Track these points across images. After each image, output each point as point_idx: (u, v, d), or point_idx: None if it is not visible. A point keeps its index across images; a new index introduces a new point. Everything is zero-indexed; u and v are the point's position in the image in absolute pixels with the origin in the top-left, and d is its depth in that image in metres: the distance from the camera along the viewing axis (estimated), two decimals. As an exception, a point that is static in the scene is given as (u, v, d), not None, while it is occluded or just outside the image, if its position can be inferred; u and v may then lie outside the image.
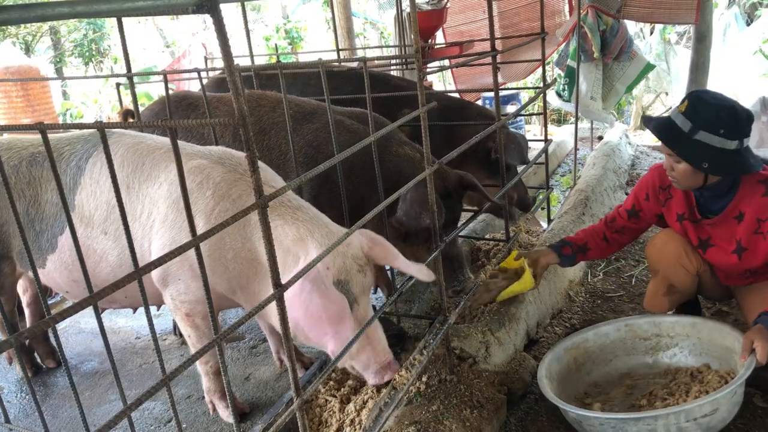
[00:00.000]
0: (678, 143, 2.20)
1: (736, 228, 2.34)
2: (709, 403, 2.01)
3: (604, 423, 2.10)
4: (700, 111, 2.18)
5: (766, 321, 2.16)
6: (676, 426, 2.00)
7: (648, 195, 2.57)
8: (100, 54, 14.15)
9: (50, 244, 2.37)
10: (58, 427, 2.66)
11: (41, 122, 1.51)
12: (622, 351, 2.60)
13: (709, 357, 2.42)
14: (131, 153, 2.27)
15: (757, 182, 2.28)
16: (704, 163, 2.17)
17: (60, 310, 0.97)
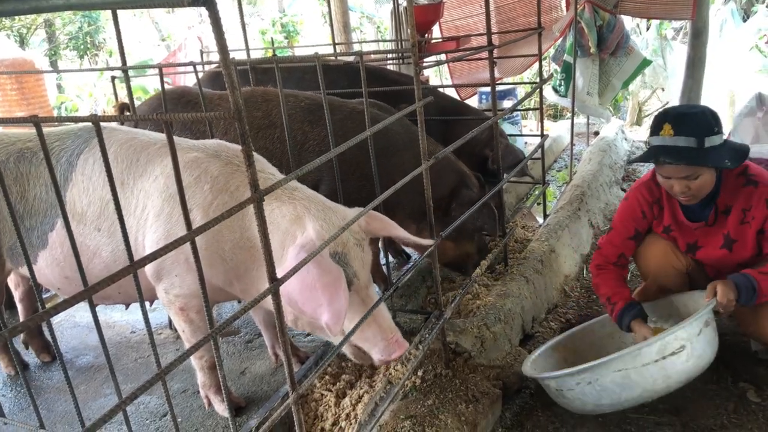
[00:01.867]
0: (700, 159, 2.25)
1: (724, 223, 2.41)
2: (673, 338, 2.03)
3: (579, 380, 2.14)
4: (692, 125, 2.26)
5: (736, 276, 2.29)
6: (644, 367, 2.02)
7: (644, 212, 2.58)
8: (95, 47, 14.08)
9: (40, 240, 2.35)
10: (53, 421, 2.66)
11: (35, 115, 1.50)
12: (612, 346, 2.57)
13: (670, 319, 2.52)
14: (125, 149, 2.26)
15: (736, 176, 2.37)
16: (726, 161, 2.24)
17: (54, 304, 0.96)
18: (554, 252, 3.54)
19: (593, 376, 2.10)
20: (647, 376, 2.04)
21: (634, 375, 2.04)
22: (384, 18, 12.97)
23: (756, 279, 2.25)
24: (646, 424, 2.37)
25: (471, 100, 6.93)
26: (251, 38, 4.84)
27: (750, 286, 2.24)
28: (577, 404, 2.22)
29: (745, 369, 2.59)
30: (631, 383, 2.06)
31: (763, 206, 2.32)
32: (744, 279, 2.26)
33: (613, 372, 2.06)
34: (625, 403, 2.14)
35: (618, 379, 2.06)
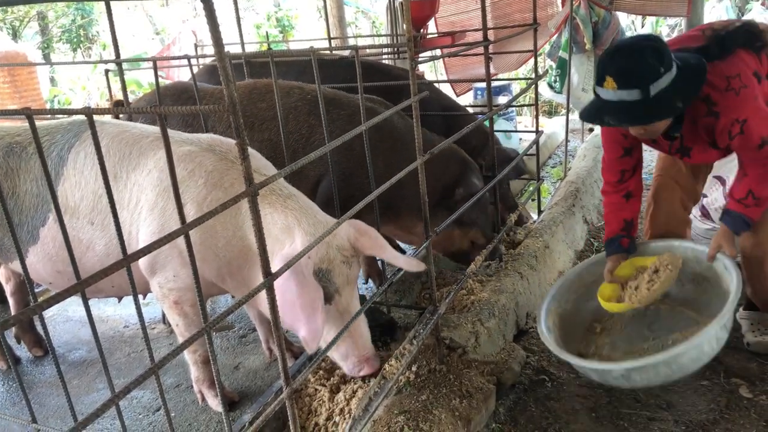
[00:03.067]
0: (647, 115, 2.13)
1: (698, 131, 2.35)
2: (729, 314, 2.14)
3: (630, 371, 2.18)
4: (635, 75, 2.08)
5: (729, 222, 2.33)
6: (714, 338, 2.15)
7: (624, 134, 2.49)
8: (88, 40, 14.01)
9: (31, 235, 2.33)
10: (45, 416, 2.65)
11: (27, 108, 1.49)
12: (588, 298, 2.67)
13: None
14: (116, 142, 2.24)
15: (699, 100, 2.22)
16: (678, 104, 2.11)
17: (46, 298, 0.95)
18: (548, 248, 3.54)
19: (676, 359, 2.13)
20: (714, 343, 2.16)
21: (707, 346, 2.15)
22: (379, 13, 12.95)
23: (746, 214, 2.30)
24: (638, 419, 2.38)
25: (466, 96, 6.93)
26: (246, 33, 4.82)
27: (744, 224, 2.31)
28: (642, 384, 2.25)
29: (738, 365, 2.61)
30: (704, 354, 2.16)
31: (726, 137, 2.24)
32: (737, 222, 2.31)
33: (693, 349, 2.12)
34: (690, 372, 2.21)
35: (695, 354, 2.14)
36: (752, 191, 2.27)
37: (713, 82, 2.18)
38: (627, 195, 2.61)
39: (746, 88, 2.17)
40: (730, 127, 2.19)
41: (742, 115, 2.16)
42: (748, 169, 2.29)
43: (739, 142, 2.22)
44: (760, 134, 2.19)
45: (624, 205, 2.61)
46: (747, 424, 2.30)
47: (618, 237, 2.59)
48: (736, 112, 2.17)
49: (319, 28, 13.16)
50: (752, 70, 2.22)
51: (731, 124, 2.18)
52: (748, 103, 2.17)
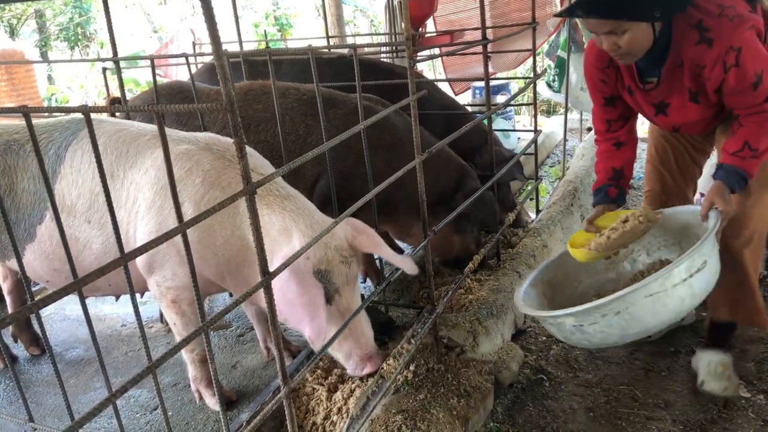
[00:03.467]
0: (614, 11, 1.98)
1: (682, 77, 2.18)
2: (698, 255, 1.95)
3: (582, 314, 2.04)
4: None
5: (723, 176, 2.15)
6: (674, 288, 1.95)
7: (603, 80, 2.38)
8: (86, 38, 13.97)
9: (28, 233, 2.33)
10: (42, 415, 2.64)
11: (24, 105, 1.48)
12: (585, 274, 2.56)
13: (667, 248, 2.45)
14: (114, 140, 2.24)
15: (689, 26, 2.07)
16: (655, 12, 1.98)
17: (43, 296, 0.95)
18: (546, 247, 3.54)
19: (622, 305, 1.97)
20: (677, 297, 1.96)
21: (665, 298, 1.95)
22: (378, 11, 12.94)
23: (741, 167, 2.13)
24: (636, 418, 2.38)
25: (464, 95, 6.93)
26: (244, 31, 4.81)
27: (740, 178, 2.13)
28: (598, 338, 2.09)
29: (736, 364, 2.61)
30: (662, 307, 1.97)
31: (719, 69, 2.05)
32: (732, 175, 2.13)
33: (644, 298, 1.95)
34: (652, 330, 2.06)
35: (649, 304, 1.96)
36: (748, 142, 2.11)
37: (706, 8, 2.06)
38: (617, 144, 2.48)
39: (740, 17, 2.03)
40: (725, 57, 2.02)
41: (737, 42, 2.00)
42: (743, 120, 2.14)
43: (735, 77, 2.04)
44: (755, 69, 2.03)
45: (614, 153, 2.48)
46: (744, 423, 2.30)
47: (605, 186, 2.46)
48: (730, 38, 2.01)
49: (318, 26, 13.15)
50: (746, 8, 2.09)
51: (726, 52, 2.01)
52: (742, 31, 2.02)
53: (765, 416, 2.33)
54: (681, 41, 2.09)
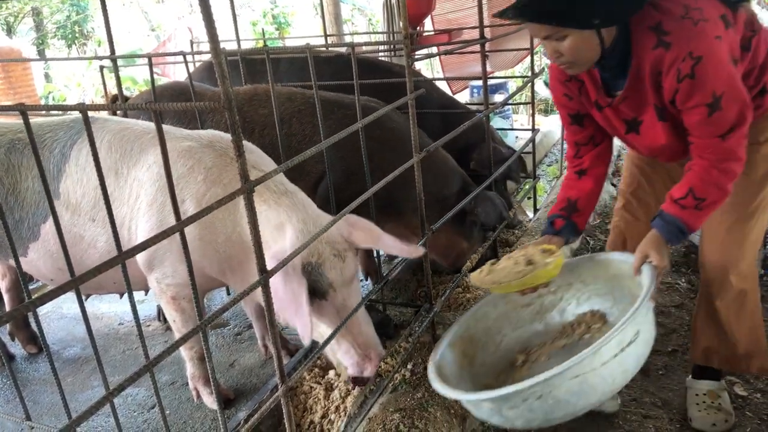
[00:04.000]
0: (550, 12, 1.74)
1: (645, 88, 1.88)
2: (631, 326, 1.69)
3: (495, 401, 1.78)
4: None
5: (660, 226, 1.89)
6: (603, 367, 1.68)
7: (566, 95, 2.10)
8: (83, 36, 13.96)
9: (32, 232, 2.33)
10: (39, 413, 2.64)
11: (22, 103, 1.48)
12: (509, 327, 2.28)
13: (599, 296, 2.17)
14: (118, 138, 2.24)
15: (647, 29, 1.79)
16: (594, 20, 1.71)
17: (40, 294, 0.95)
18: (544, 246, 3.55)
19: (545, 389, 1.72)
20: (607, 375, 1.71)
21: (592, 378, 1.70)
22: (375, 10, 12.93)
23: (681, 218, 1.85)
24: (633, 417, 2.38)
25: (462, 94, 6.93)
26: (242, 30, 4.81)
27: (678, 232, 1.86)
28: (520, 422, 1.81)
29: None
30: (590, 388, 1.71)
31: (673, 77, 1.75)
32: (671, 227, 1.86)
33: (569, 380, 1.70)
34: (579, 412, 1.78)
35: (575, 386, 1.71)
36: (693, 190, 1.82)
37: (668, 9, 1.77)
38: (579, 171, 2.20)
39: (707, 22, 1.73)
40: (680, 64, 1.72)
41: (698, 50, 1.70)
42: (695, 160, 1.86)
43: (688, 90, 1.74)
44: (713, 87, 1.72)
45: (574, 182, 2.21)
46: (743, 420, 2.31)
47: (553, 216, 2.20)
48: (690, 43, 1.71)
49: (316, 25, 13.14)
50: (720, 13, 1.78)
51: (683, 58, 1.71)
52: (706, 38, 1.71)
53: (762, 414, 2.33)
54: (639, 46, 1.81)
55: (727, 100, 1.72)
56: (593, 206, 2.23)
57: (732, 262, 2.10)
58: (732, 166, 1.79)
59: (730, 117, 1.74)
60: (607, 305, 2.11)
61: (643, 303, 1.71)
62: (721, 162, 1.79)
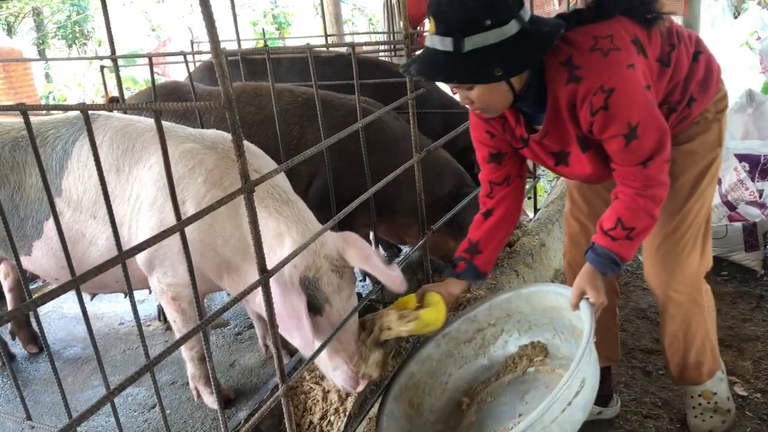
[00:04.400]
0: (452, 71, 1.66)
1: (563, 122, 1.81)
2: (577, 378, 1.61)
3: None
4: (449, 16, 1.62)
5: (593, 259, 1.81)
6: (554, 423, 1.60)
7: (489, 132, 1.99)
8: (83, 36, 13.96)
9: (36, 230, 2.33)
10: (40, 413, 2.64)
11: (22, 103, 1.48)
12: (454, 366, 2.20)
13: (539, 328, 2.11)
14: (120, 136, 2.24)
15: (559, 65, 1.72)
16: (496, 71, 1.61)
17: (41, 293, 0.95)
18: (544, 246, 3.55)
19: None
20: (557, 429, 1.62)
21: None
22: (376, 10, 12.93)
23: (613, 250, 1.77)
24: (633, 417, 2.38)
25: (462, 94, 6.91)
26: (242, 30, 4.81)
27: (612, 263, 1.78)
28: None
29: (733, 363, 2.62)
30: None
31: (587, 110, 1.69)
32: (604, 260, 1.79)
33: None
34: None
35: None
36: (621, 220, 1.76)
37: (577, 42, 1.72)
38: (486, 213, 2.09)
39: (618, 51, 1.68)
40: (592, 97, 1.66)
41: (610, 82, 1.65)
42: (620, 188, 1.80)
43: (602, 122, 1.69)
44: (628, 118, 1.67)
45: (479, 224, 2.10)
46: (742, 421, 2.30)
47: (456, 259, 2.11)
48: (601, 76, 1.66)
49: (316, 25, 13.14)
50: (631, 37, 1.74)
51: (594, 92, 1.66)
52: (618, 69, 1.67)
53: (762, 414, 2.33)
54: (553, 82, 1.75)
55: (643, 129, 1.68)
56: (497, 249, 2.12)
57: (668, 280, 2.06)
58: (657, 192, 1.75)
59: (648, 145, 1.70)
60: (548, 335, 2.06)
61: (586, 350, 1.62)
62: (645, 189, 1.74)
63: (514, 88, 1.73)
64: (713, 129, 1.98)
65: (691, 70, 1.89)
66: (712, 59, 1.96)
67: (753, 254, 3.36)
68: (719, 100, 1.99)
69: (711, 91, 1.94)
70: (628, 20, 1.78)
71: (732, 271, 3.40)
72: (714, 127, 1.98)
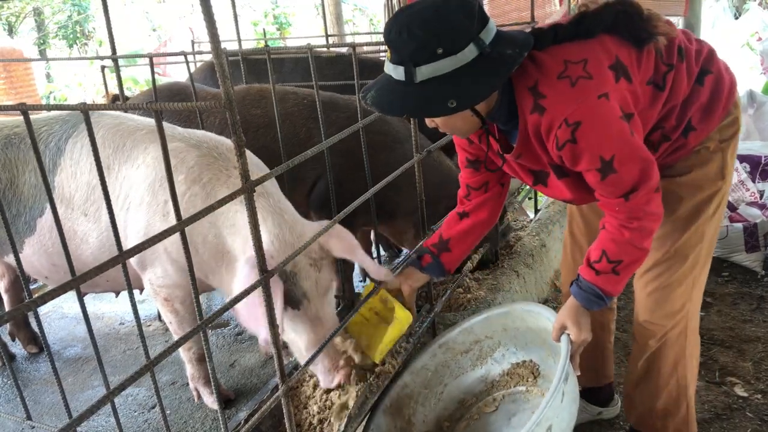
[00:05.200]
0: (403, 103, 1.53)
1: (534, 147, 1.67)
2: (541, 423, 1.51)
3: None
4: (398, 46, 1.50)
5: (576, 291, 1.71)
6: None
7: (469, 139, 1.88)
8: (84, 36, 13.97)
9: (28, 226, 2.33)
10: (40, 413, 2.64)
11: (23, 103, 1.48)
12: (450, 376, 2.18)
13: (533, 347, 2.07)
14: (111, 133, 2.24)
15: (526, 89, 1.58)
16: (450, 102, 1.49)
17: (41, 294, 0.95)
18: (545, 246, 3.55)
19: None
20: None
21: None
22: (377, 11, 12.93)
23: (597, 285, 1.66)
24: (634, 418, 2.38)
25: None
26: (243, 30, 4.82)
27: (597, 298, 1.67)
28: None
29: (733, 364, 2.61)
30: None
31: (553, 143, 1.56)
32: (588, 294, 1.68)
33: None
34: None
35: None
36: (606, 252, 1.63)
37: (546, 66, 1.57)
38: (462, 213, 2.02)
39: (588, 79, 1.52)
40: (557, 130, 1.52)
41: (575, 115, 1.50)
42: (606, 218, 1.67)
43: (571, 156, 1.55)
44: (600, 151, 1.52)
45: (453, 223, 2.03)
46: (744, 421, 2.30)
47: (423, 251, 2.06)
48: (566, 108, 1.51)
49: (317, 25, 13.16)
50: (610, 62, 1.56)
51: (559, 125, 1.52)
52: (585, 100, 1.50)
53: (762, 415, 2.33)
54: (521, 107, 1.61)
55: (620, 161, 1.52)
56: (466, 251, 2.06)
57: (653, 310, 1.94)
58: (645, 224, 1.59)
59: (628, 178, 1.54)
60: (543, 354, 2.01)
61: (553, 395, 1.52)
62: (630, 221, 1.59)
63: (479, 113, 1.62)
64: (715, 160, 1.78)
65: (692, 94, 1.70)
66: (722, 80, 1.74)
67: (754, 255, 3.36)
68: (727, 126, 1.77)
69: (715, 118, 1.73)
70: (612, 39, 1.60)
71: (733, 272, 3.40)
72: (716, 158, 1.78)
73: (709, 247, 1.87)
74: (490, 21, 1.54)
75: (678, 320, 1.92)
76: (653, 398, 2.00)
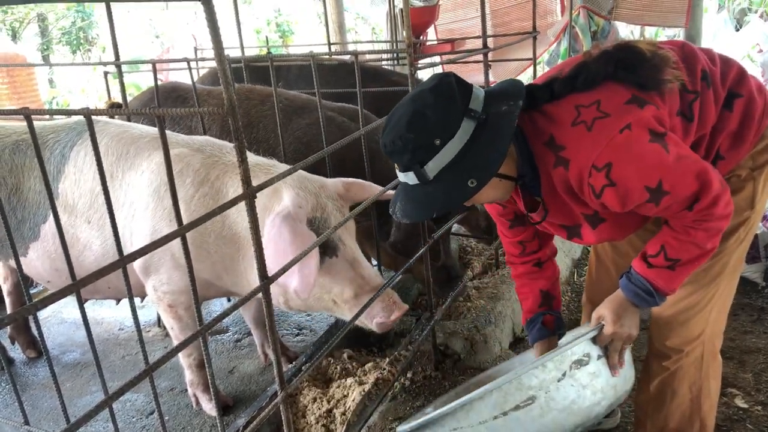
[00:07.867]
0: (430, 204, 1.48)
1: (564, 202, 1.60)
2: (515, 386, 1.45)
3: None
4: (398, 156, 1.47)
5: (624, 284, 1.64)
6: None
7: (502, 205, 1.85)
8: (88, 42, 14.03)
9: (32, 232, 2.34)
10: (38, 418, 2.63)
11: (26, 107, 1.49)
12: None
13: None
14: (115, 142, 2.26)
15: (543, 146, 1.52)
16: (471, 182, 1.43)
17: (42, 297, 0.95)
18: (545, 256, 3.54)
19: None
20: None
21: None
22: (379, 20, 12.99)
23: (649, 279, 1.57)
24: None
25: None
26: (246, 37, 4.84)
27: (646, 293, 1.58)
28: None
29: (734, 375, 2.61)
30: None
31: (590, 194, 1.47)
32: (637, 287, 1.59)
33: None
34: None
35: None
36: (665, 248, 1.53)
37: (558, 116, 1.50)
38: (538, 263, 1.93)
39: (605, 118, 1.44)
40: (589, 179, 1.44)
41: (602, 158, 1.41)
42: (672, 218, 1.55)
43: (615, 198, 1.45)
44: (644, 182, 1.42)
45: (537, 274, 1.93)
46: (742, 434, 2.30)
47: (538, 316, 1.93)
48: (590, 154, 1.42)
49: (319, 33, 13.19)
50: (626, 98, 1.47)
51: (588, 173, 1.43)
52: (610, 141, 1.41)
53: (762, 427, 2.32)
54: (542, 164, 1.54)
55: (670, 183, 1.42)
56: (560, 288, 2.01)
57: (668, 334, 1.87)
58: (713, 225, 1.49)
59: (684, 193, 1.44)
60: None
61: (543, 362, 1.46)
62: (698, 223, 1.49)
63: (506, 174, 1.56)
64: (745, 189, 1.68)
65: (720, 121, 1.59)
66: (753, 103, 1.60)
67: (754, 266, 3.35)
68: (760, 152, 1.65)
69: (746, 145, 1.62)
70: (620, 84, 1.50)
71: (733, 282, 3.39)
72: (747, 186, 1.68)
73: (731, 274, 1.80)
74: (474, 87, 1.50)
75: (695, 346, 1.85)
76: (666, 420, 1.94)
